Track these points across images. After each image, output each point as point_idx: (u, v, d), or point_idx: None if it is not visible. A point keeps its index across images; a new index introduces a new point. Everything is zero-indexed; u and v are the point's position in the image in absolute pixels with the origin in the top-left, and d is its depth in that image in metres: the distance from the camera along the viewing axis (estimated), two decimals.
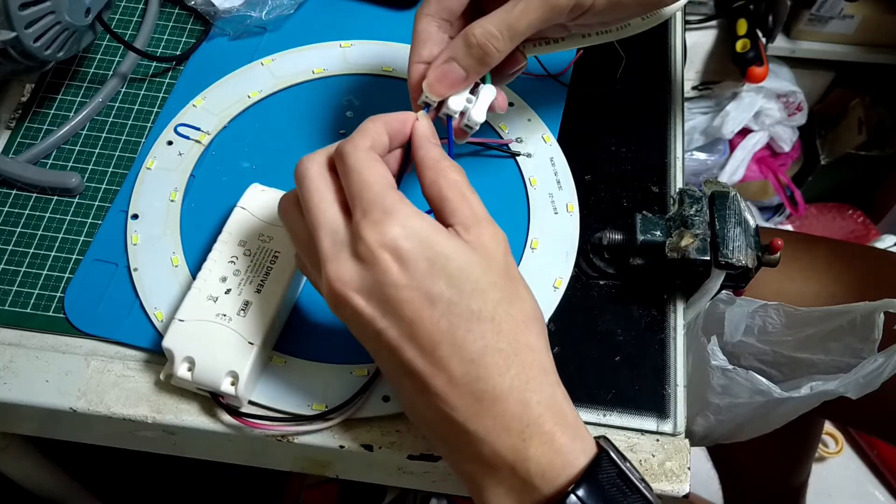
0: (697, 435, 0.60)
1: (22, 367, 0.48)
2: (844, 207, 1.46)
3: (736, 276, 0.48)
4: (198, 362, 0.44)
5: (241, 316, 0.45)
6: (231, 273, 0.46)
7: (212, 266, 0.46)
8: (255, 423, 0.45)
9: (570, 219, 0.53)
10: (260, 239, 0.47)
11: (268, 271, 0.46)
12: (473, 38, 0.43)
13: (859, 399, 0.52)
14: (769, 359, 0.60)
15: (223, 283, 0.46)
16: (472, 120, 0.46)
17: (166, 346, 0.45)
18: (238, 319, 0.45)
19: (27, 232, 0.53)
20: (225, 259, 0.47)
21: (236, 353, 0.44)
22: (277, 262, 0.47)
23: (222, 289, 0.46)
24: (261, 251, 0.47)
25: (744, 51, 1.19)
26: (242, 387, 0.44)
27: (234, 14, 0.61)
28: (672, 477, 0.45)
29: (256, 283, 0.46)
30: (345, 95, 0.59)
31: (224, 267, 0.46)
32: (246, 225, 0.48)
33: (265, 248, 0.47)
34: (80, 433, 0.51)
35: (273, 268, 0.46)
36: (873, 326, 0.53)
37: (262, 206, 0.48)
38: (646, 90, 0.61)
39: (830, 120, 1.43)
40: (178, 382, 0.46)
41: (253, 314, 0.45)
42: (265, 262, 0.47)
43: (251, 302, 0.45)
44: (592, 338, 0.50)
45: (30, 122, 0.58)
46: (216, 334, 0.44)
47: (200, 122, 0.57)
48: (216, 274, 0.46)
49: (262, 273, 0.46)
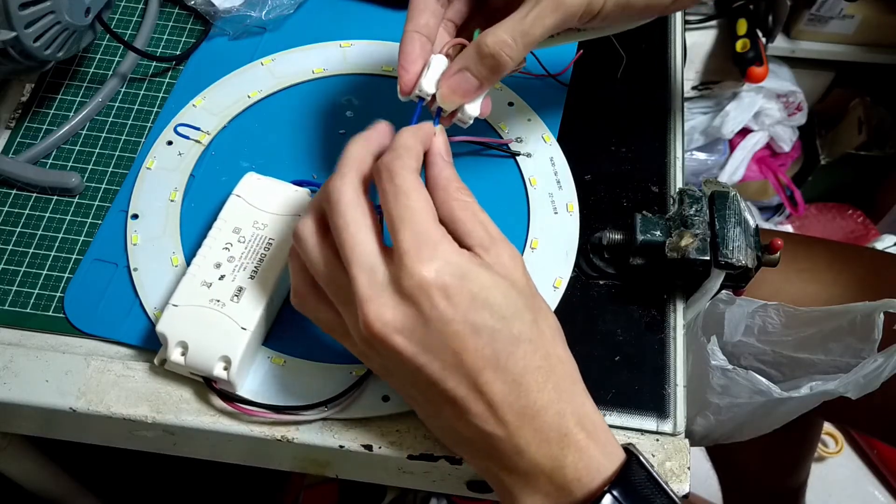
0: (697, 435, 0.60)
1: (22, 367, 0.48)
2: (844, 207, 1.46)
3: (736, 276, 0.48)
4: (191, 347, 0.44)
5: (234, 302, 0.45)
6: (225, 259, 0.46)
7: (206, 252, 0.47)
8: (246, 409, 0.45)
9: (570, 219, 0.53)
10: (254, 226, 0.48)
11: (262, 258, 0.47)
12: (486, 47, 0.43)
13: (858, 400, 0.52)
14: (769, 359, 0.60)
15: (217, 269, 0.46)
16: (466, 114, 0.46)
17: (160, 331, 0.45)
18: (231, 305, 0.45)
19: (27, 232, 0.53)
20: (219, 245, 0.47)
21: (229, 339, 0.44)
22: (272, 249, 0.47)
23: (216, 275, 0.46)
24: (255, 238, 0.47)
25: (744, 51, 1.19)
26: (234, 372, 0.44)
27: (233, 14, 0.61)
28: (672, 477, 0.45)
29: (250, 270, 0.46)
30: (345, 95, 0.59)
31: (218, 253, 0.47)
32: (241, 212, 0.48)
33: (259, 236, 0.47)
34: (80, 433, 0.51)
35: (267, 255, 0.47)
36: (873, 326, 0.53)
37: (258, 195, 0.49)
38: (646, 90, 0.61)
39: (830, 120, 1.43)
40: (172, 367, 0.46)
41: (246, 300, 0.45)
42: (259, 248, 0.47)
43: (245, 288, 0.46)
44: (592, 338, 0.50)
45: (30, 122, 0.58)
46: (210, 319, 0.45)
47: (200, 121, 0.57)
48: (210, 260, 0.46)
49: (255, 260, 0.47)
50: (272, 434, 0.46)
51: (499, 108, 0.58)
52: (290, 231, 0.47)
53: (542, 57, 0.59)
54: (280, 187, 0.50)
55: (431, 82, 0.45)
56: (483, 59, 0.43)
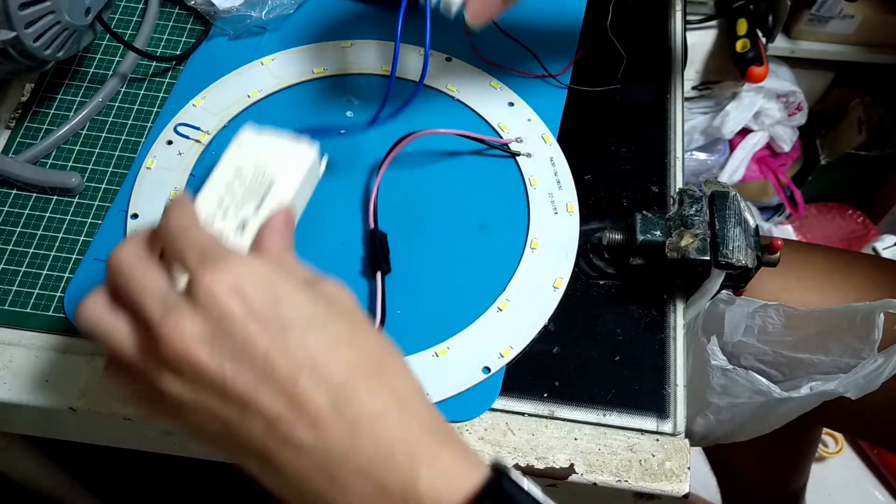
0: (697, 435, 0.60)
1: (22, 367, 0.48)
2: (844, 207, 1.46)
3: (736, 276, 0.48)
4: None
5: (238, 235, 0.45)
6: (228, 194, 0.47)
7: (210, 192, 0.47)
8: None
9: (570, 219, 0.53)
10: (255, 168, 0.48)
11: (264, 195, 0.47)
12: None
13: (857, 407, 0.52)
14: (769, 359, 0.60)
15: (220, 206, 0.46)
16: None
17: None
18: (236, 237, 0.45)
19: (27, 232, 0.53)
20: (223, 184, 0.47)
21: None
22: (274, 186, 0.47)
23: (220, 210, 0.46)
24: (257, 178, 0.47)
25: (744, 51, 1.19)
26: None
27: (234, 14, 0.61)
28: (672, 477, 0.45)
29: (253, 206, 0.46)
30: (345, 95, 0.59)
31: (222, 192, 0.47)
32: (243, 155, 0.48)
33: (262, 175, 0.47)
34: (80, 433, 0.51)
35: (268, 192, 0.47)
36: (873, 326, 0.53)
37: (258, 141, 0.49)
38: (646, 90, 0.61)
39: (830, 120, 1.43)
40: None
41: (250, 233, 0.45)
42: (262, 187, 0.47)
43: (248, 222, 0.46)
44: (592, 338, 0.50)
45: (30, 122, 0.58)
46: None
47: (200, 121, 0.57)
48: (215, 196, 0.47)
49: (259, 197, 0.47)
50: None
51: (499, 109, 0.58)
52: (292, 169, 0.48)
53: (542, 57, 0.60)
54: (280, 135, 0.50)
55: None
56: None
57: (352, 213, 0.53)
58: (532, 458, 0.46)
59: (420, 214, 0.54)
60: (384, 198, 0.53)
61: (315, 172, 0.50)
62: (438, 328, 0.49)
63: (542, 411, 0.47)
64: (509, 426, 0.47)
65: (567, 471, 0.45)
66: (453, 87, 0.58)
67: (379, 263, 0.50)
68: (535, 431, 0.47)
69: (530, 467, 0.45)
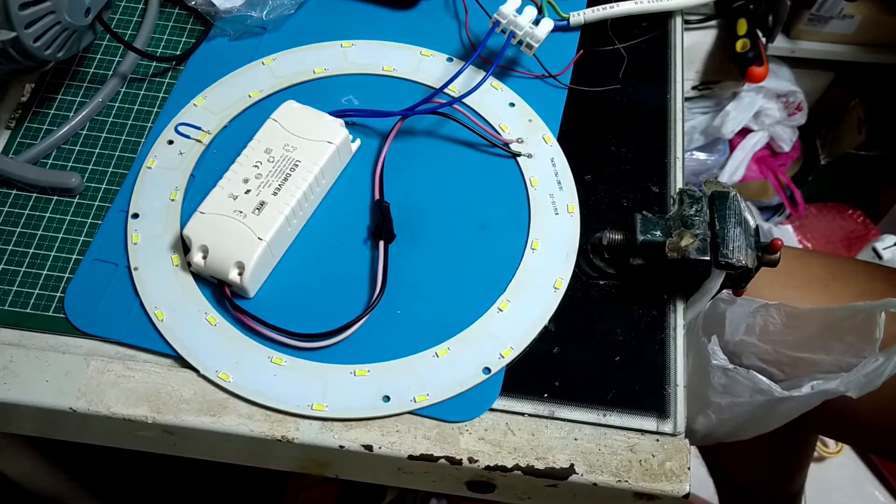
0: (699, 434, 0.60)
1: (22, 367, 0.48)
2: (844, 207, 1.46)
3: (736, 276, 0.48)
4: (211, 251, 0.49)
5: (255, 214, 0.49)
6: (253, 176, 0.51)
7: (237, 168, 0.51)
8: (250, 321, 0.48)
9: (571, 219, 0.53)
10: (285, 148, 0.52)
11: (287, 177, 0.51)
12: None
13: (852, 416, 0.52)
14: (770, 358, 0.60)
15: (245, 183, 0.50)
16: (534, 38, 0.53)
17: (186, 234, 0.49)
18: (252, 217, 0.49)
19: (27, 232, 0.53)
20: (250, 163, 0.51)
21: (246, 246, 0.48)
22: (297, 170, 0.51)
23: (243, 189, 0.50)
24: (283, 159, 0.51)
25: (744, 51, 1.19)
26: (248, 277, 0.48)
27: (234, 14, 0.61)
28: (672, 477, 0.45)
29: (274, 187, 0.50)
30: (345, 95, 0.59)
31: (248, 170, 0.51)
32: (274, 135, 0.52)
33: (288, 157, 0.51)
34: (80, 433, 0.51)
35: (292, 175, 0.51)
36: (874, 325, 0.53)
37: (293, 120, 0.53)
38: (646, 90, 0.61)
39: (830, 120, 1.43)
40: (195, 269, 0.50)
41: (267, 214, 0.49)
42: (286, 169, 0.51)
43: (266, 203, 0.50)
44: (592, 338, 0.50)
45: (30, 122, 0.58)
46: (230, 228, 0.49)
47: (201, 121, 0.57)
48: (240, 175, 0.51)
49: (281, 178, 0.51)
50: (272, 434, 0.46)
51: (500, 109, 0.58)
52: (317, 154, 0.51)
53: (542, 57, 0.60)
54: (316, 115, 0.54)
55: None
56: None
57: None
58: (532, 458, 0.46)
59: (421, 215, 0.54)
60: (385, 198, 0.53)
61: (346, 150, 0.54)
62: (439, 328, 0.49)
63: (542, 411, 0.47)
64: (509, 426, 0.47)
65: (567, 471, 0.45)
66: (454, 88, 0.58)
67: (381, 233, 0.51)
68: (535, 432, 0.47)
69: (530, 467, 0.45)
